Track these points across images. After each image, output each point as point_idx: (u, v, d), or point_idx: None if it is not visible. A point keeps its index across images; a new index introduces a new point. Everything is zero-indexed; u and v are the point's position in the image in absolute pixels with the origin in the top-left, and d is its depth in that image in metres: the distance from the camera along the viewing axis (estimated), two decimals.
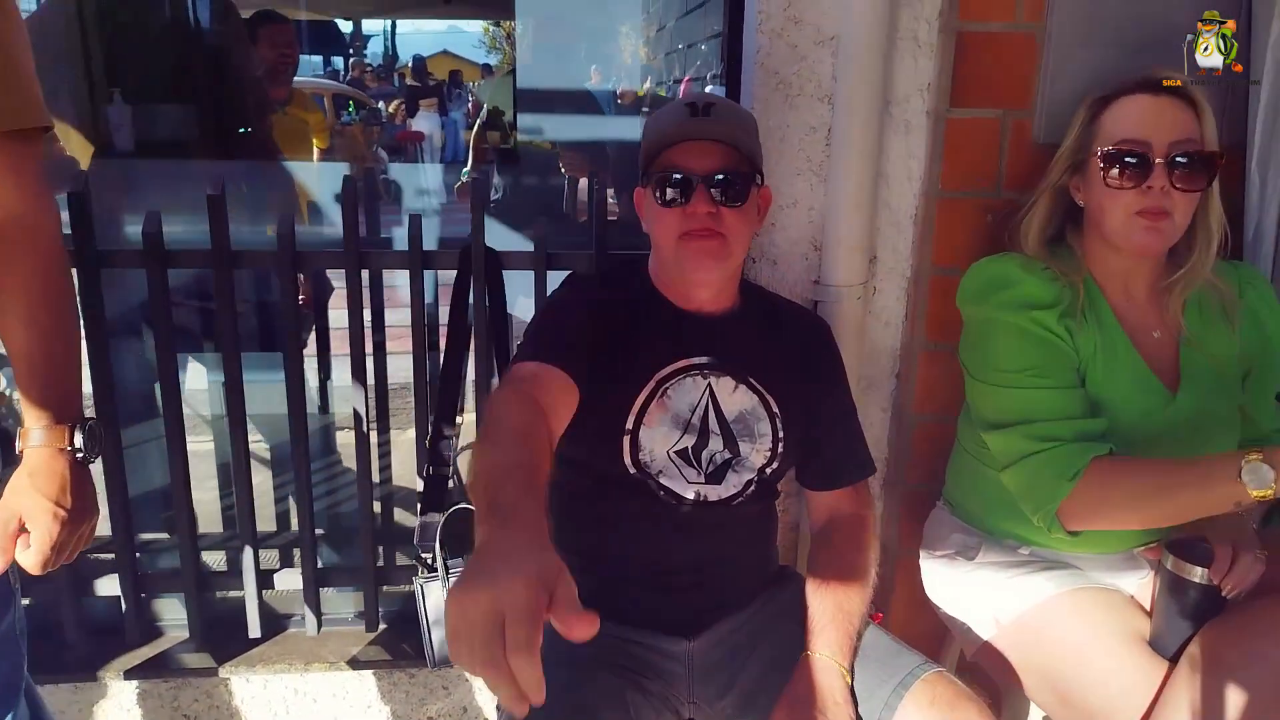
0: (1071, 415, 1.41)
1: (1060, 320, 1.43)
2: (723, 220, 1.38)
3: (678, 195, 1.37)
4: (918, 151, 1.74)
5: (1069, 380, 1.43)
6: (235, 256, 1.69)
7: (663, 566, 1.47)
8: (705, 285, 1.45)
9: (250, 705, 1.94)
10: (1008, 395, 1.45)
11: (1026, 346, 1.43)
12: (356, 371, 1.77)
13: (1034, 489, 1.41)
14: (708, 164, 1.37)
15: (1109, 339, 1.46)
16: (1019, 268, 1.48)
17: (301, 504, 1.84)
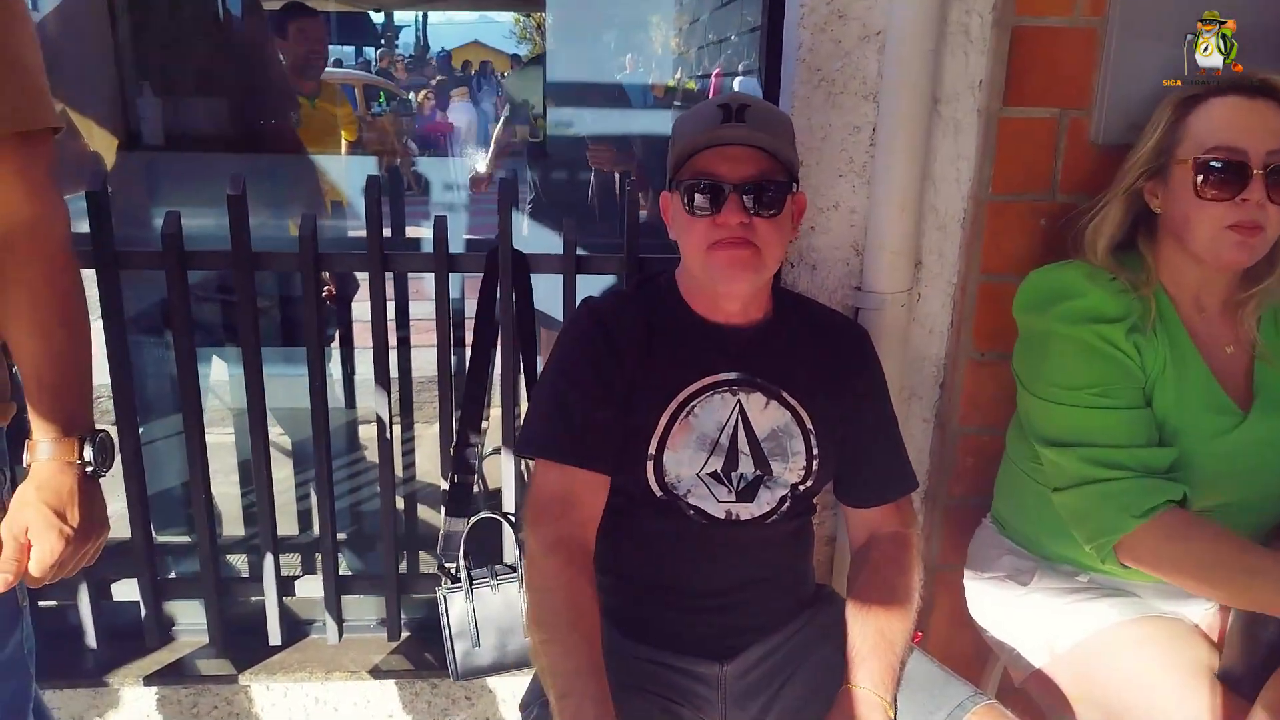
0: (1136, 441, 1.32)
1: (1128, 336, 1.34)
2: (756, 231, 1.30)
3: (708, 204, 1.30)
4: (967, 152, 1.65)
5: (1134, 400, 1.35)
6: (256, 258, 1.64)
7: (694, 588, 1.40)
8: (735, 297, 1.38)
9: (270, 713, 1.91)
10: (1066, 414, 1.36)
11: (1090, 363, 1.34)
12: (380, 375, 1.72)
13: (1092, 518, 1.33)
14: (741, 171, 1.29)
15: (1179, 354, 1.37)
16: (1085, 277, 1.38)
17: (323, 511, 1.80)
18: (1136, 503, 1.28)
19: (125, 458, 1.73)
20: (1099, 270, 1.40)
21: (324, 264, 1.67)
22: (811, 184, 1.67)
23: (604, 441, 1.33)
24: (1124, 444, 1.31)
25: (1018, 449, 1.55)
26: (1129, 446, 1.31)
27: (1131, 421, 1.33)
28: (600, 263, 1.72)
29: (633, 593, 1.43)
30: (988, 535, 1.65)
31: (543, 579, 1.27)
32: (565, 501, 1.31)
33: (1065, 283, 1.40)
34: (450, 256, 1.68)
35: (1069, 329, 1.36)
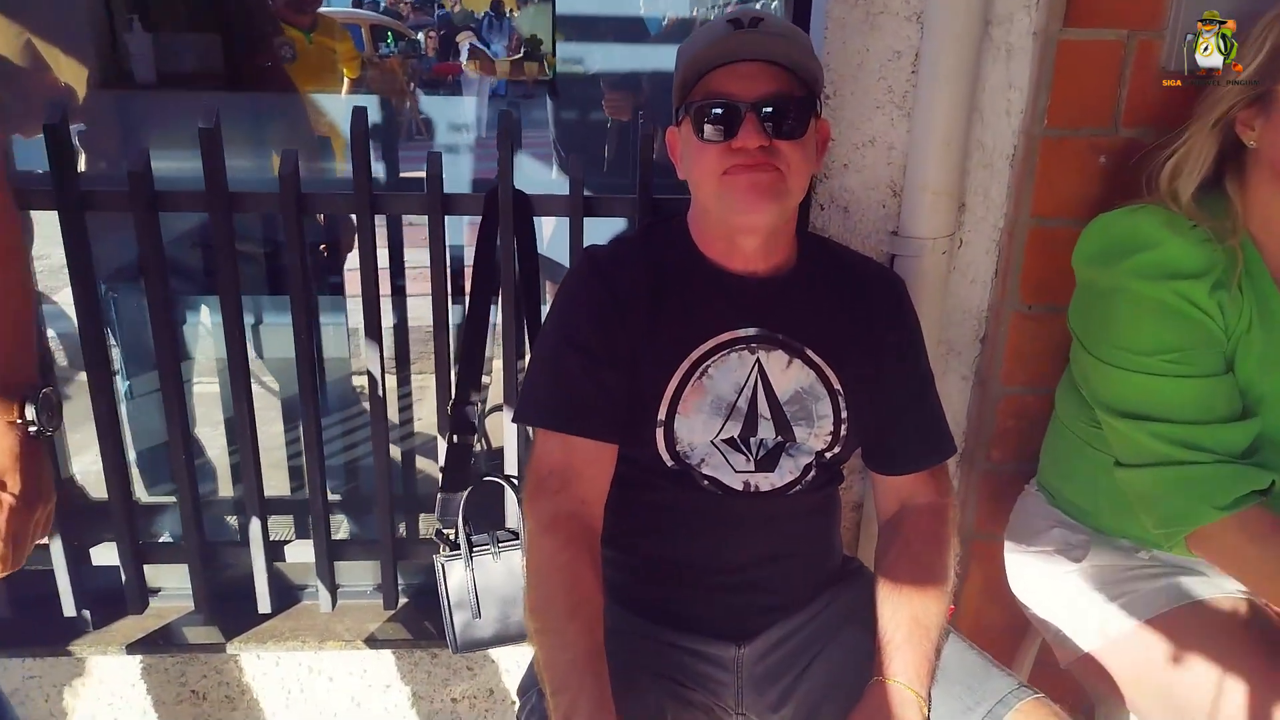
0: (1217, 416, 1.17)
1: (1211, 293, 1.17)
2: (779, 155, 1.15)
3: (722, 127, 1.14)
4: (1020, 81, 1.47)
5: (1215, 366, 1.19)
6: (232, 199, 1.50)
7: (709, 565, 1.27)
8: (755, 231, 1.21)
9: (262, 683, 1.81)
10: (1137, 382, 1.21)
11: (1166, 326, 1.18)
12: (370, 327, 1.58)
13: (1167, 502, 1.19)
14: (758, 88, 1.14)
15: (1266, 312, 1.20)
16: (1162, 225, 1.21)
17: (312, 471, 1.67)
18: (1220, 492, 1.14)
19: (99, 413, 1.60)
20: (1177, 216, 1.22)
21: (307, 205, 1.52)
22: (845, 117, 1.50)
23: (608, 407, 1.19)
24: (1203, 419, 1.17)
25: (1070, 411, 1.40)
26: (1209, 423, 1.16)
27: (1211, 392, 1.18)
28: (610, 204, 1.56)
29: (643, 570, 1.30)
30: (1034, 505, 1.51)
31: (539, 561, 1.15)
32: (565, 475, 1.18)
33: (1139, 231, 1.23)
34: (445, 198, 1.53)
35: (1143, 285, 1.20)
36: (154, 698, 1.81)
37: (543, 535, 1.16)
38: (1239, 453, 1.17)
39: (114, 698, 1.80)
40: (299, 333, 1.56)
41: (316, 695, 1.83)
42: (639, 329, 1.21)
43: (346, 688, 1.82)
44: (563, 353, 1.21)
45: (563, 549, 1.14)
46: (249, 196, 1.51)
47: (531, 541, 1.17)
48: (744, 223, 1.19)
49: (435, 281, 1.55)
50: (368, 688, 1.83)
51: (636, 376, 1.21)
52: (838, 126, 1.50)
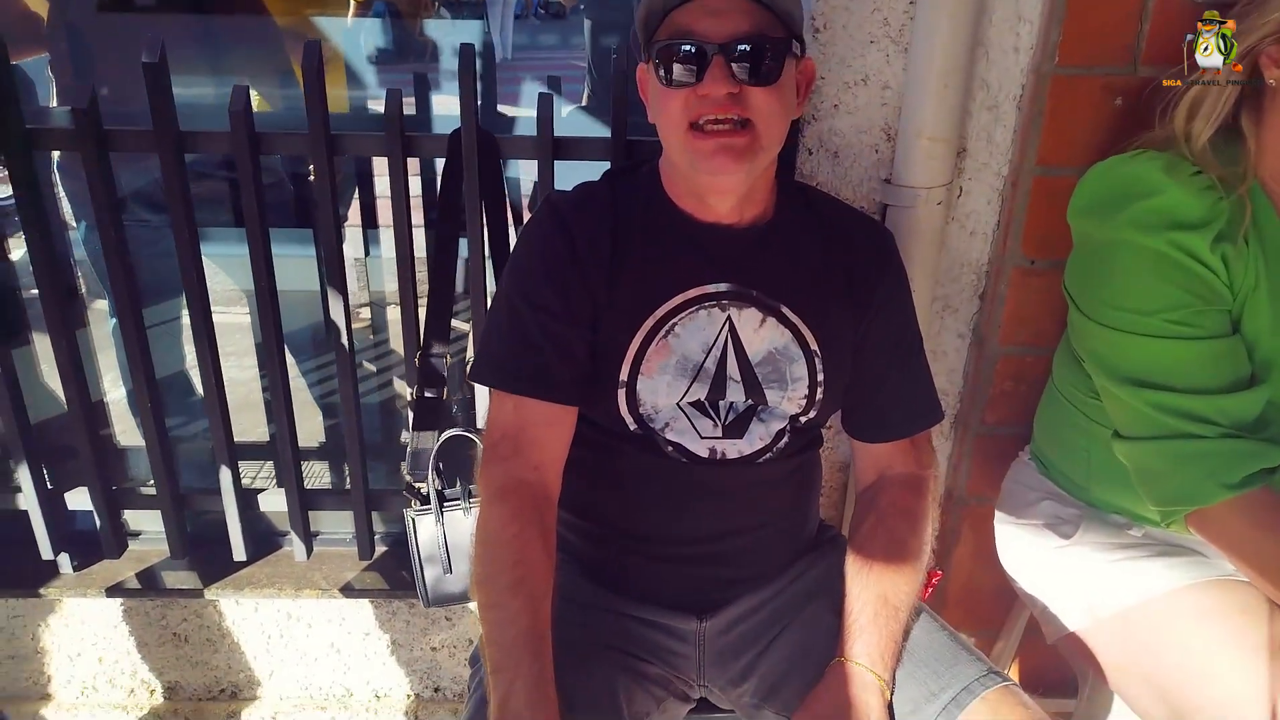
0: (1222, 384, 1.07)
1: (1214, 246, 1.07)
2: (748, 103, 1.04)
3: (687, 71, 1.03)
4: (1030, 13, 1.33)
5: (1220, 327, 1.09)
6: (183, 138, 1.42)
7: (671, 535, 1.21)
8: (726, 191, 1.12)
9: (242, 627, 1.81)
10: (1135, 344, 1.11)
11: (1167, 281, 1.08)
12: (333, 275, 1.51)
13: (1169, 479, 1.10)
14: (728, 27, 1.03)
15: (1275, 268, 1.09)
16: (1160, 170, 1.10)
17: (280, 420, 1.63)
18: (1227, 469, 1.05)
19: (60, 359, 1.57)
20: (1179, 161, 1.11)
21: (262, 145, 1.44)
22: (836, 52, 1.38)
23: (566, 368, 1.12)
24: (1208, 389, 1.07)
25: (1066, 377, 1.31)
26: (1214, 393, 1.07)
27: (1216, 357, 1.08)
28: (581, 146, 1.46)
29: (604, 538, 1.25)
30: (1026, 474, 1.42)
31: (486, 532, 1.09)
32: (518, 440, 1.11)
33: (1136, 177, 1.12)
34: (406, 139, 1.44)
35: (1141, 237, 1.09)
36: (136, 639, 1.82)
37: (491, 504, 1.10)
38: (1247, 424, 1.08)
39: (97, 638, 1.82)
40: (259, 278, 1.50)
41: (296, 640, 1.83)
42: (601, 283, 1.13)
43: (325, 634, 1.82)
44: (518, 309, 1.13)
45: (511, 520, 1.08)
46: (201, 136, 1.43)
47: (481, 510, 1.11)
48: (712, 184, 1.10)
49: (398, 227, 1.48)
50: (347, 635, 1.82)
51: (598, 332, 1.14)
52: (827, 63, 1.38)
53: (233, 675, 1.86)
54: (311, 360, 2.73)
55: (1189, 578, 1.21)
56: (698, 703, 1.27)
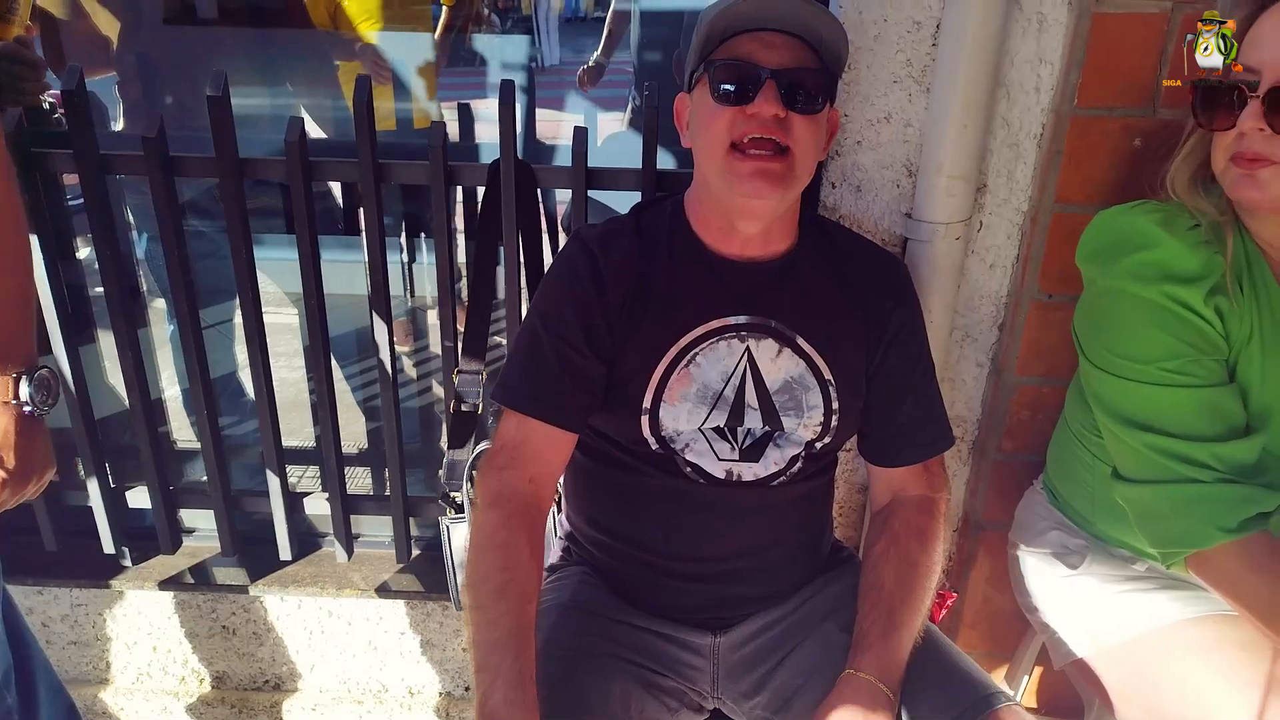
0: (1218, 432, 1.10)
1: (1208, 299, 1.10)
2: (791, 129, 1.11)
3: (739, 90, 1.11)
4: (1051, 55, 1.37)
5: (1215, 376, 1.12)
6: (242, 165, 1.52)
7: (688, 553, 1.28)
8: (756, 217, 1.18)
9: (285, 623, 1.91)
10: (1133, 390, 1.15)
11: (1163, 331, 1.11)
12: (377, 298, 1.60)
13: (1168, 522, 1.13)
14: (782, 57, 1.10)
15: (1271, 316, 1.12)
16: (1158, 224, 1.13)
17: (325, 430, 1.72)
18: (1225, 514, 1.08)
19: (125, 367, 1.68)
20: (1177, 214, 1.14)
21: (316, 173, 1.53)
22: (860, 91, 1.43)
23: (576, 396, 1.19)
24: (1204, 436, 1.10)
25: (1076, 414, 1.34)
26: (1210, 440, 1.10)
27: (1212, 405, 1.11)
28: (614, 176, 1.53)
29: (623, 553, 1.31)
30: (1037, 503, 1.46)
31: (477, 537, 1.16)
32: (517, 453, 1.19)
33: (1134, 229, 1.15)
34: (450, 168, 1.52)
35: (1138, 288, 1.13)
36: (188, 630, 1.93)
37: (484, 511, 1.17)
38: (1244, 470, 1.10)
39: (152, 628, 1.93)
40: (309, 297, 1.59)
41: (336, 637, 1.92)
42: (625, 315, 1.20)
43: (363, 632, 1.91)
44: (539, 335, 1.21)
45: (500, 526, 1.14)
46: (259, 163, 1.53)
47: (474, 516, 1.18)
48: (745, 206, 1.16)
49: (439, 254, 1.56)
50: (383, 633, 1.91)
51: (622, 361, 1.20)
52: (852, 100, 1.43)
53: (276, 667, 1.96)
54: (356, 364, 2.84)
55: (1190, 612, 1.24)
56: (711, 714, 1.33)
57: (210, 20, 2.88)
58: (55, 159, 1.54)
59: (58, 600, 1.91)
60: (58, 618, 1.92)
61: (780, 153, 1.11)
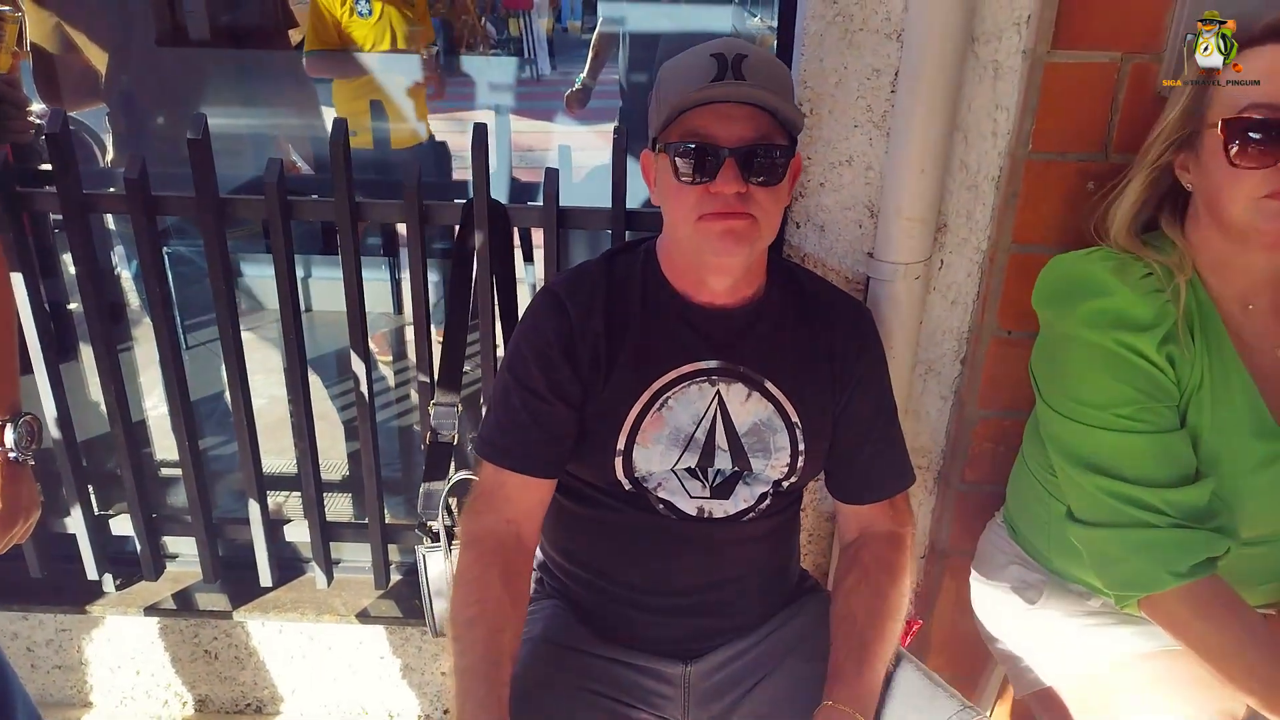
0: (1169, 478, 1.13)
1: (1160, 346, 1.13)
2: (753, 201, 1.14)
3: (700, 170, 1.13)
4: (1006, 101, 1.41)
5: (1168, 422, 1.15)
6: (223, 204, 1.55)
7: (660, 587, 1.31)
8: (726, 273, 1.22)
9: (267, 647, 1.95)
10: (1087, 434, 1.18)
11: (1116, 378, 1.15)
12: (354, 334, 1.63)
13: (1121, 566, 1.16)
14: (739, 132, 1.12)
15: (1219, 365, 1.16)
16: (1111, 272, 1.17)
17: (303, 460, 1.76)
18: (1176, 558, 1.11)
19: (108, 398, 1.71)
20: (1130, 261, 1.18)
21: (294, 212, 1.57)
22: (822, 135, 1.47)
23: (547, 445, 1.23)
24: (1157, 481, 1.13)
25: (1034, 453, 1.38)
26: (1162, 486, 1.13)
27: (1164, 450, 1.14)
28: (585, 216, 1.57)
29: (597, 586, 1.35)
30: (997, 537, 1.50)
31: (457, 574, 1.23)
32: (494, 499, 1.24)
33: (1089, 277, 1.19)
34: (425, 207, 1.56)
35: (1092, 334, 1.16)
36: (171, 655, 1.96)
37: (462, 551, 1.23)
38: (1196, 515, 1.14)
39: (135, 653, 1.96)
40: (288, 332, 1.63)
41: (316, 661, 1.95)
42: (595, 363, 1.23)
43: (344, 656, 1.95)
44: (509, 387, 1.25)
45: (475, 563, 1.20)
46: (240, 203, 1.56)
47: (457, 557, 1.24)
48: (716, 264, 1.20)
49: (415, 287, 1.60)
50: (363, 657, 1.95)
51: (592, 407, 1.24)
52: (814, 145, 1.47)
53: (258, 691, 1.99)
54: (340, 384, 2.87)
55: (1146, 647, 1.27)
56: None
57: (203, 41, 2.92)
58: (40, 199, 1.57)
59: (43, 625, 1.94)
60: (42, 642, 1.95)
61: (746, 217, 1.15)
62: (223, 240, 1.57)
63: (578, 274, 1.30)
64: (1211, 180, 1.12)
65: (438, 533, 1.60)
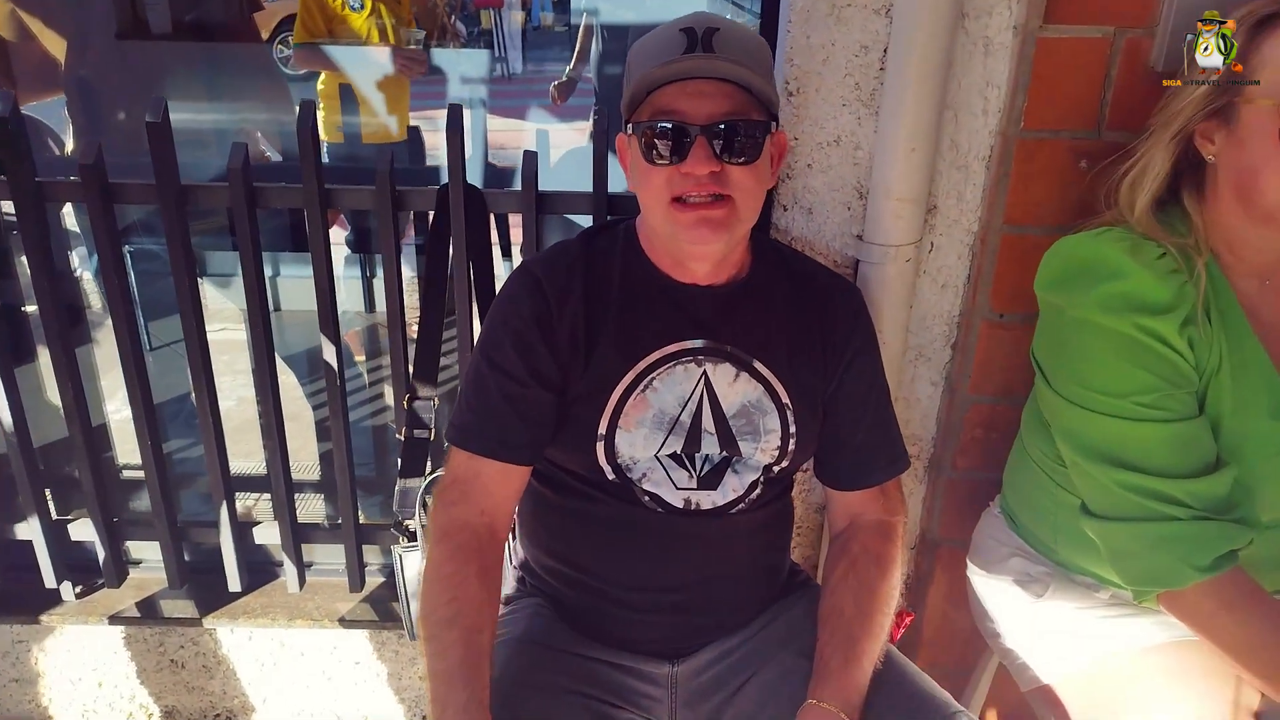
0: (1191, 468, 1.09)
1: (1182, 330, 1.09)
2: (728, 180, 1.09)
3: (671, 150, 1.09)
4: (998, 79, 1.38)
5: (1188, 410, 1.10)
6: (184, 192, 1.48)
7: (646, 584, 1.26)
8: (704, 258, 1.18)
9: (237, 655, 1.87)
10: (1105, 425, 1.12)
11: (1136, 364, 1.10)
12: (325, 324, 1.57)
13: (1141, 560, 1.12)
14: (710, 109, 1.08)
15: (1236, 346, 1.12)
16: (1127, 253, 1.11)
17: (273, 458, 1.69)
18: (1199, 552, 1.07)
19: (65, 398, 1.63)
20: (1143, 241, 1.13)
21: (259, 199, 1.50)
22: (809, 114, 1.43)
23: (523, 431, 1.18)
24: (1179, 472, 1.09)
25: (1036, 443, 1.33)
26: (1184, 477, 1.08)
27: (1185, 439, 1.10)
28: (566, 200, 1.52)
29: (580, 584, 1.29)
30: (995, 527, 1.46)
31: (429, 569, 1.16)
32: (467, 487, 1.18)
33: (1102, 258, 1.13)
34: (397, 193, 1.50)
35: (1108, 320, 1.11)
36: (136, 665, 1.88)
37: (434, 545, 1.17)
38: (1217, 506, 1.09)
39: (98, 663, 1.88)
40: (254, 326, 1.56)
41: (289, 668, 1.88)
42: (574, 345, 1.18)
43: (317, 663, 1.87)
44: (483, 371, 1.19)
45: (448, 559, 1.14)
46: (201, 190, 1.49)
47: (427, 550, 1.18)
48: (693, 252, 1.16)
49: (388, 279, 1.53)
50: (338, 663, 1.88)
51: (573, 390, 1.19)
52: (801, 124, 1.43)
53: (227, 701, 1.91)
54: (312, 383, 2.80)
55: (1155, 638, 1.24)
56: None
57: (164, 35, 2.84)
58: None
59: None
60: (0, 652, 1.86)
61: (720, 199, 1.10)
62: (185, 230, 1.50)
63: (555, 253, 1.25)
64: (1250, 157, 1.07)
65: (415, 532, 1.55)
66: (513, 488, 1.20)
